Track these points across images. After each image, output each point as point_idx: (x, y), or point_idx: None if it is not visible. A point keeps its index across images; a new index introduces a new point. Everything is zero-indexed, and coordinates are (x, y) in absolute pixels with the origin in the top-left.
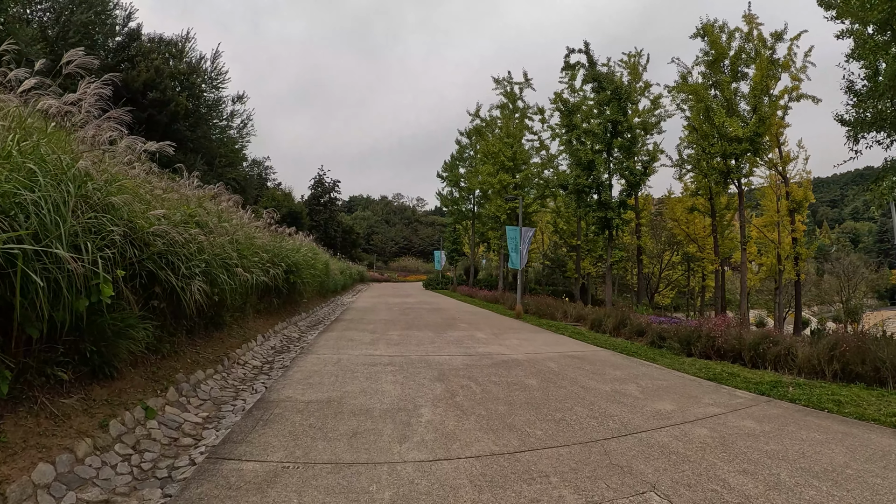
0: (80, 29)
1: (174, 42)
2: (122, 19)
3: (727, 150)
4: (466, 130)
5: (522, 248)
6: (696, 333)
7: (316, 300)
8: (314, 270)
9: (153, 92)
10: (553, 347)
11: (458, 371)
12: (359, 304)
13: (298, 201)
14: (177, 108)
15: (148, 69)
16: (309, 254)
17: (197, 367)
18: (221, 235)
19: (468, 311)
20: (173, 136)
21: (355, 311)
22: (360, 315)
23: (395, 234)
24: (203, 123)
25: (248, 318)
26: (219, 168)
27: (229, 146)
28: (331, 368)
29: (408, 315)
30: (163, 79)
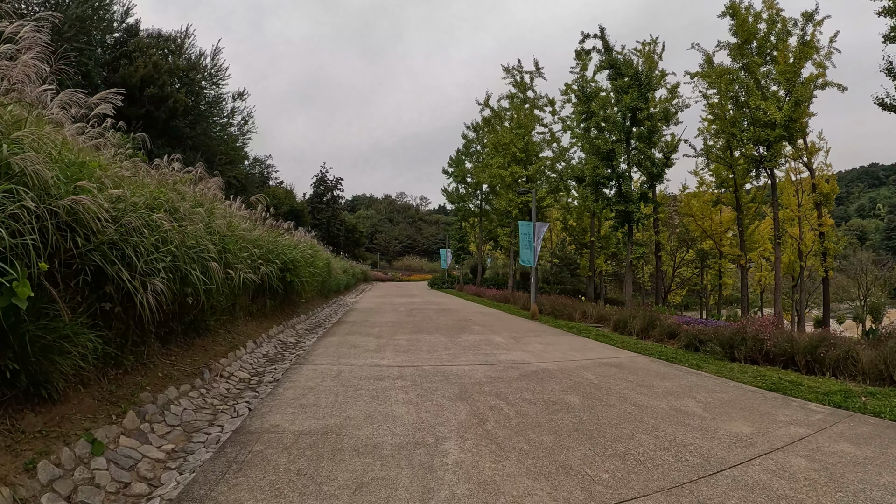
0: (75, 23)
1: (173, 38)
2: (120, 15)
3: (760, 136)
4: (473, 124)
5: (536, 244)
6: (739, 336)
7: (317, 301)
8: (314, 269)
9: (151, 88)
10: (582, 353)
11: (481, 386)
12: (362, 305)
13: (301, 200)
14: (175, 105)
15: (146, 65)
16: (308, 251)
17: (169, 383)
18: (196, 223)
19: (479, 312)
20: (172, 134)
21: (359, 312)
22: (363, 317)
23: (399, 232)
24: (203, 121)
25: (239, 321)
26: (219, 166)
27: (230, 144)
28: (329, 384)
29: (415, 316)
30: (161, 75)
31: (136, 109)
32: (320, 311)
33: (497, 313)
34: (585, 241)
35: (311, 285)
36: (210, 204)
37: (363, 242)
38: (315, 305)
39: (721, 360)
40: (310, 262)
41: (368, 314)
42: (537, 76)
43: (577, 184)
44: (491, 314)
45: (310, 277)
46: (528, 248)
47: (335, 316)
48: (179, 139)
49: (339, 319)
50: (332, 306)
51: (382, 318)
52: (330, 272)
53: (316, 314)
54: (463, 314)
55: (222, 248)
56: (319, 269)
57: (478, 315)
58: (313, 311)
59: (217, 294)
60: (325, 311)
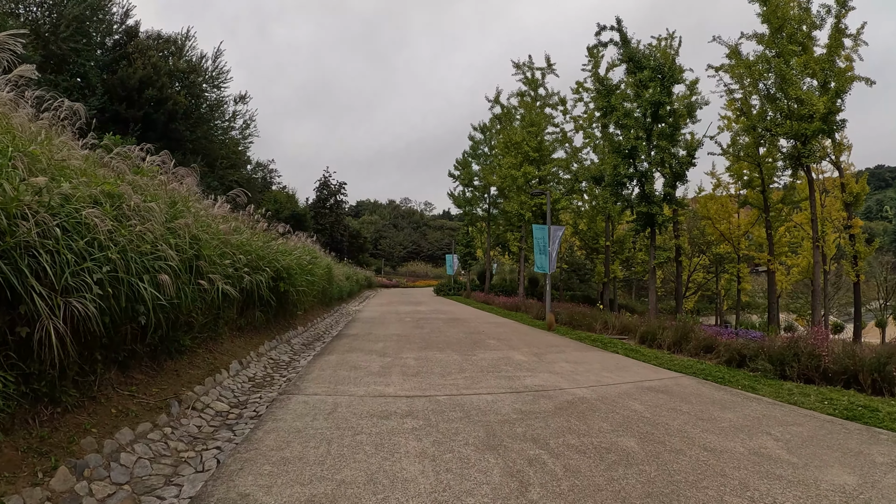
0: (71, 23)
1: (173, 40)
2: (120, 17)
3: (797, 130)
4: (480, 125)
5: (551, 249)
6: (790, 351)
7: (317, 310)
8: (312, 277)
9: (150, 90)
10: (618, 375)
11: (512, 425)
12: (366, 314)
13: (304, 205)
14: (175, 107)
15: (144, 66)
16: (305, 257)
17: (124, 422)
18: (147, 221)
19: (491, 322)
20: (172, 136)
21: (362, 323)
22: (366, 328)
23: (404, 238)
24: (203, 124)
25: (223, 338)
26: (220, 170)
27: (231, 147)
28: (322, 425)
29: (423, 328)
30: (160, 76)
31: (134, 111)
32: (320, 321)
33: (510, 324)
34: (598, 245)
35: (309, 294)
36: (182, 202)
37: (367, 248)
38: (315, 315)
39: (772, 379)
40: (307, 270)
41: (372, 325)
42: (549, 72)
43: (594, 184)
44: (504, 325)
45: (307, 286)
46: (542, 254)
47: (336, 327)
48: (179, 142)
49: (339, 332)
50: (333, 316)
51: (387, 331)
52: (331, 279)
53: (315, 325)
54: (474, 325)
55: (195, 255)
56: (318, 276)
57: (490, 326)
58: (312, 322)
59: (188, 309)
60: (326, 321)
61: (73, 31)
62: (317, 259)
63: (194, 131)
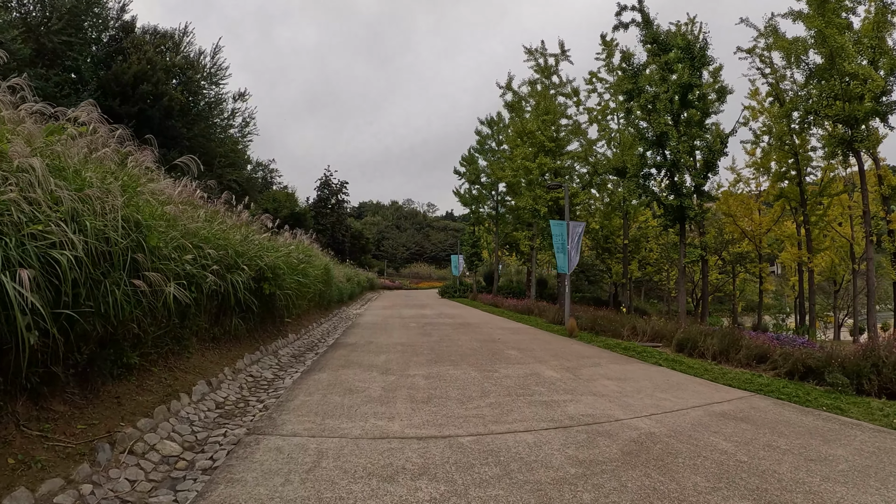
0: (64, 16)
1: (170, 35)
2: (116, 11)
3: (849, 111)
4: (487, 119)
5: (571, 247)
6: (866, 361)
7: (313, 314)
8: (305, 278)
9: (145, 85)
10: (676, 395)
11: (573, 487)
12: (367, 319)
13: (304, 205)
14: (171, 103)
15: (140, 61)
16: (297, 255)
17: (21, 479)
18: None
19: (505, 328)
20: (167, 133)
21: (362, 329)
22: (367, 336)
23: (407, 239)
24: (200, 121)
25: (190, 351)
26: (218, 169)
27: (229, 146)
28: (294, 496)
29: (430, 335)
30: (156, 72)
31: (129, 107)
32: (315, 328)
33: (527, 329)
34: (611, 245)
35: (303, 297)
36: (129, 180)
37: (370, 249)
38: (310, 320)
39: (850, 395)
40: (298, 270)
41: (373, 332)
42: (563, 59)
43: (617, 176)
44: (520, 331)
45: (299, 288)
46: (561, 252)
47: (333, 334)
48: (175, 140)
49: (336, 340)
50: (331, 320)
51: (390, 339)
52: (329, 281)
53: (310, 332)
54: (487, 331)
55: (133, 245)
56: (314, 277)
57: (505, 333)
58: (307, 329)
59: (125, 317)
60: (323, 327)
61: (66, 23)
62: (311, 258)
63: (191, 128)
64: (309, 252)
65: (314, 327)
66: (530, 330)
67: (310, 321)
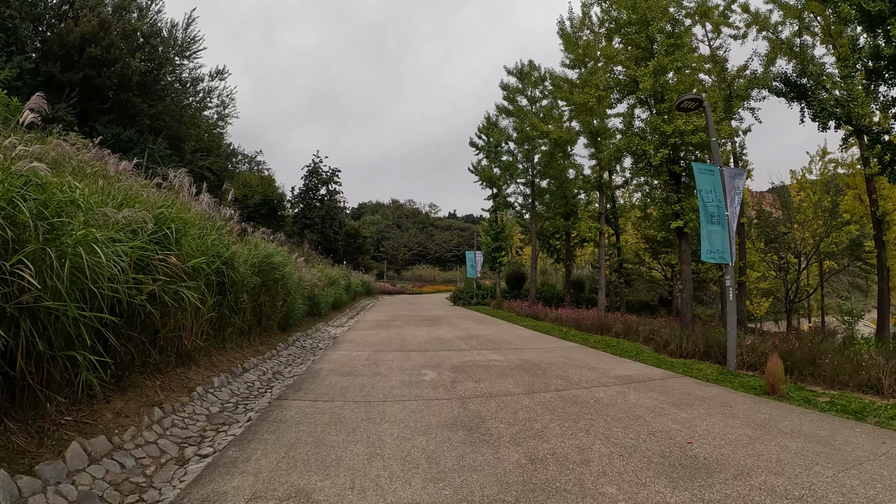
0: None
1: None
2: None
3: None
4: (517, 67)
5: (729, 213)
6: None
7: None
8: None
9: (93, 48)
10: None
11: None
12: (341, 352)
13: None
14: (125, 72)
15: (89, 22)
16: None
17: None
18: None
19: (627, 381)
20: (125, 111)
21: (317, 383)
22: (311, 421)
23: (409, 239)
24: (166, 97)
25: None
26: (188, 154)
27: (203, 129)
28: None
29: (487, 422)
30: (108, 34)
31: (72, 74)
32: (244, 373)
33: (665, 381)
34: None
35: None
36: None
37: (368, 250)
38: (230, 359)
39: None
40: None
41: (343, 395)
42: None
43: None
44: (665, 387)
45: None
46: (716, 224)
47: (267, 392)
48: (134, 118)
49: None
50: (278, 356)
51: (376, 430)
52: (287, 287)
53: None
54: (604, 392)
55: None
56: (248, 276)
57: (641, 392)
58: (186, 389)
59: None
60: (267, 366)
61: None
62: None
63: (154, 105)
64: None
65: (225, 377)
66: (672, 383)
67: (224, 363)
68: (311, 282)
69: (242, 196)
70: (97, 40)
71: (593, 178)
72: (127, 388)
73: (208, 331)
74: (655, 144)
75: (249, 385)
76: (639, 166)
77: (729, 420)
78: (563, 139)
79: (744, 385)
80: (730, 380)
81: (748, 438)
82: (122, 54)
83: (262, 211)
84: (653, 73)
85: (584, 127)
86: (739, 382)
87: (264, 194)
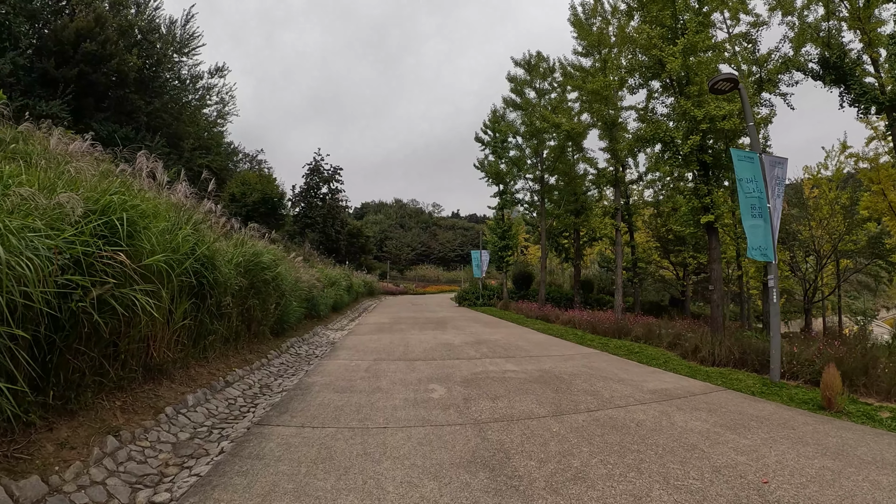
0: None
1: None
2: None
3: None
4: (526, 59)
5: (772, 204)
6: None
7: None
8: None
9: (88, 43)
10: None
11: None
12: (339, 361)
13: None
14: (122, 68)
15: (85, 16)
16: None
17: None
18: None
19: (657, 395)
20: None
21: (320, 394)
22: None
23: (412, 239)
24: (164, 94)
25: None
26: (187, 152)
27: (202, 126)
28: None
29: (513, 459)
30: (104, 29)
31: (66, 70)
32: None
33: (709, 395)
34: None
35: None
36: None
37: (370, 249)
38: (213, 369)
39: None
40: None
41: (336, 418)
42: None
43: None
44: (706, 402)
45: None
46: (758, 218)
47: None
48: (131, 114)
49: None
50: (269, 365)
51: (374, 471)
52: (281, 289)
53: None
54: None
55: None
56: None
57: (686, 411)
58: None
59: None
60: (240, 387)
61: None
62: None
63: (151, 102)
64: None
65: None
66: (717, 398)
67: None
68: (310, 283)
69: (241, 194)
70: (93, 36)
71: (609, 171)
72: (77, 412)
73: (184, 340)
74: (685, 131)
75: (231, 402)
76: (665, 156)
77: (799, 447)
78: (576, 131)
79: (794, 399)
80: (777, 392)
81: (830, 473)
82: (117, 50)
83: (261, 209)
84: (682, 52)
85: (599, 117)
86: (788, 395)
87: (263, 192)
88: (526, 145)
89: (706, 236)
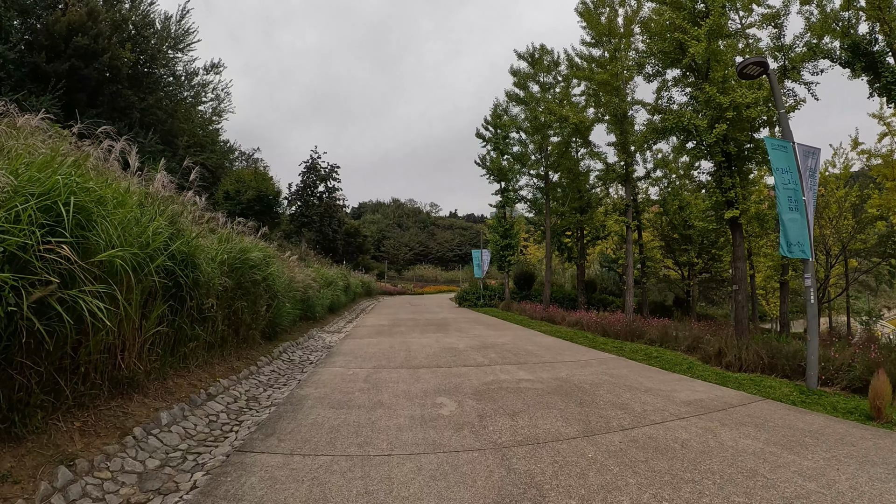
0: None
1: None
2: None
3: None
4: (529, 52)
5: (807, 196)
6: None
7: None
8: None
9: (80, 37)
10: None
11: None
12: (338, 367)
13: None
14: (114, 62)
15: (77, 10)
16: None
17: None
18: None
19: (694, 401)
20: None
21: (314, 410)
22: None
23: (410, 238)
24: (158, 90)
25: None
26: (181, 150)
27: (197, 123)
28: None
29: (540, 493)
30: (96, 23)
31: (57, 65)
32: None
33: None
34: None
35: None
36: None
37: (368, 249)
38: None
39: None
40: None
41: (331, 442)
42: None
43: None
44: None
45: None
46: (794, 210)
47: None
48: (124, 111)
49: None
50: (267, 370)
51: None
52: (272, 290)
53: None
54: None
55: None
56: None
57: (730, 427)
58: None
59: None
60: (224, 400)
61: None
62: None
63: (144, 98)
64: None
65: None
66: (758, 409)
67: (156, 401)
68: (305, 283)
69: (235, 191)
70: (85, 30)
71: (619, 166)
72: (24, 438)
73: (159, 349)
74: (710, 119)
75: (212, 419)
76: (688, 146)
77: (868, 469)
78: (584, 124)
79: (837, 408)
80: (818, 402)
81: None
82: (110, 45)
83: (256, 207)
84: (707, 36)
85: (608, 110)
86: (831, 405)
87: (258, 190)
88: (529, 140)
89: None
